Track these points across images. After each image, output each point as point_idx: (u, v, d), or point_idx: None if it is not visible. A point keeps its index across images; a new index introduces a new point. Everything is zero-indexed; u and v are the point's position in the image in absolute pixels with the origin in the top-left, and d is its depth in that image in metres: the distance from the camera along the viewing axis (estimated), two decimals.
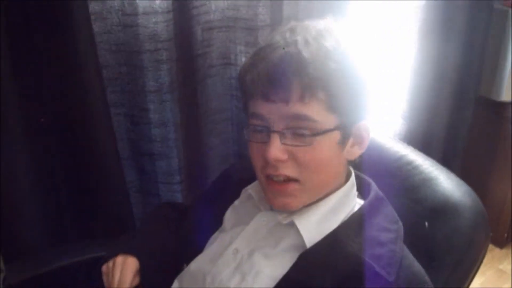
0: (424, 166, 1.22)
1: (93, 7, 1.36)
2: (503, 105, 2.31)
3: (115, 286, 1.08)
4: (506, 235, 2.52)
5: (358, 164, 1.07)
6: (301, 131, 0.92)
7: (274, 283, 0.96)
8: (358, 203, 1.04)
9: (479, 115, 2.37)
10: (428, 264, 1.04)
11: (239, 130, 1.72)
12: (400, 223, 1.02)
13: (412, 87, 2.09)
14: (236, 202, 1.15)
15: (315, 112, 0.90)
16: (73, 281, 1.34)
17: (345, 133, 0.95)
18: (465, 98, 2.26)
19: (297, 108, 0.90)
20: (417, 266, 0.98)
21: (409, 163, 1.24)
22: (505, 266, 2.45)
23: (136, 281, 1.13)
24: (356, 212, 1.00)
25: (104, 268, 1.13)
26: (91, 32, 1.31)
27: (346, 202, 1.02)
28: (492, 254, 2.51)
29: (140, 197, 1.66)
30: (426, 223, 1.13)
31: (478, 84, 2.28)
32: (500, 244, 2.55)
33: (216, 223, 1.16)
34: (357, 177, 1.08)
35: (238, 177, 1.17)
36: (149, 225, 1.34)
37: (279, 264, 0.98)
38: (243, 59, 1.59)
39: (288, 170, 0.95)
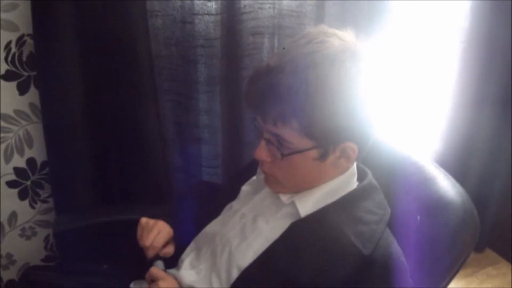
0: (426, 166, 1.34)
1: (155, 4, 1.58)
2: None
3: (148, 243, 1.26)
4: None
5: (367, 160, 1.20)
6: (275, 147, 1.06)
7: (268, 243, 1.12)
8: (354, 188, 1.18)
9: None
10: (415, 254, 1.16)
11: None
12: (388, 210, 1.16)
13: (451, 106, 2.18)
14: (253, 178, 1.33)
15: (288, 135, 1.02)
16: (111, 237, 1.54)
17: (324, 152, 1.06)
18: (506, 125, 2.29)
19: (272, 128, 1.04)
20: (395, 248, 1.10)
21: (413, 163, 1.36)
22: None
23: (169, 250, 1.31)
24: (347, 194, 1.14)
25: (143, 221, 1.30)
26: (146, 26, 1.52)
27: (344, 187, 1.15)
28: None
29: (183, 176, 1.86)
30: (418, 217, 1.24)
31: None
32: None
33: (235, 196, 1.34)
34: (358, 167, 1.21)
35: None
36: (185, 200, 1.54)
37: (276, 228, 1.13)
38: None
39: (269, 169, 1.13)
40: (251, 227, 1.18)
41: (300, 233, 1.10)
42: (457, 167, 2.28)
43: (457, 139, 2.25)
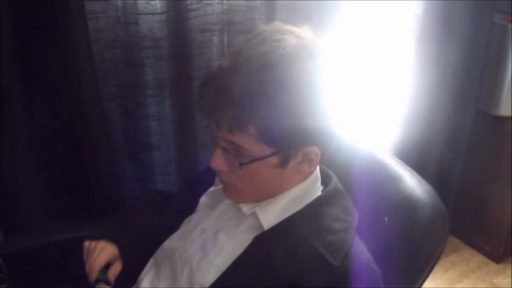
0: (390, 164, 1.29)
1: (95, 6, 1.47)
2: (502, 119, 2.32)
3: (87, 268, 1.18)
4: (502, 249, 2.53)
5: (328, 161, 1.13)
6: (232, 156, 0.98)
7: (231, 260, 1.05)
8: (319, 194, 1.11)
9: (478, 129, 2.40)
10: (386, 256, 1.12)
11: None
12: (356, 216, 1.10)
13: (409, 94, 2.15)
14: (211, 188, 1.25)
15: (245, 142, 0.95)
16: (60, 256, 1.45)
17: (285, 157, 0.99)
18: (464, 110, 2.30)
19: (227, 136, 0.96)
20: (365, 255, 1.05)
21: (377, 161, 1.31)
22: (500, 280, 2.47)
23: (116, 268, 1.22)
24: (312, 201, 1.08)
25: (86, 244, 1.22)
26: (86, 28, 1.41)
27: (309, 194, 1.09)
28: (488, 268, 2.53)
29: (135, 186, 1.76)
30: (386, 218, 1.20)
31: (478, 97, 2.31)
32: (497, 259, 2.57)
33: (193, 207, 1.26)
34: (321, 170, 1.15)
35: None
36: (134, 209, 1.43)
37: (239, 243, 1.06)
38: None
39: (227, 178, 1.05)
40: (212, 243, 1.11)
41: (265, 247, 1.03)
42: (417, 156, 2.26)
43: (416, 127, 2.22)
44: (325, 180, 1.14)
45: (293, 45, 0.95)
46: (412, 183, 1.22)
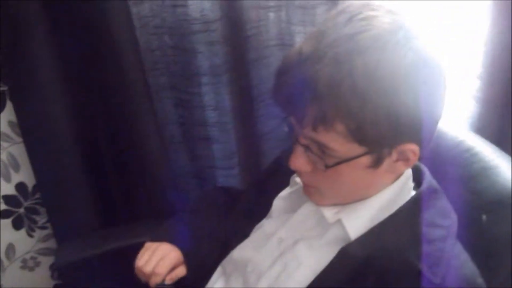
0: (484, 153, 1.12)
1: None
2: None
3: (149, 269, 1.09)
4: None
5: None
6: (316, 156, 0.86)
7: (314, 275, 0.93)
8: (412, 195, 0.97)
9: None
10: (484, 263, 0.96)
11: None
12: (454, 218, 0.95)
13: (486, 61, 1.95)
14: (285, 190, 1.12)
15: (332, 140, 0.82)
16: (120, 264, 1.36)
17: (378, 157, 0.85)
18: None
19: (310, 134, 0.83)
20: (469, 268, 0.91)
21: (468, 149, 1.14)
22: None
23: (178, 272, 1.14)
24: (404, 205, 0.93)
25: (147, 244, 1.15)
26: (129, 13, 1.31)
27: (400, 196, 0.95)
28: None
29: (195, 182, 1.66)
30: (484, 217, 1.04)
31: None
32: None
33: (264, 210, 1.14)
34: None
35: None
36: (196, 211, 1.33)
37: (322, 256, 0.94)
38: (299, 40, 1.54)
39: (308, 180, 0.93)
40: (291, 255, 0.99)
41: (351, 261, 0.89)
42: (495, 131, 2.07)
43: (494, 101, 2.02)
44: (416, 176, 0.99)
45: (387, 25, 0.79)
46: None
